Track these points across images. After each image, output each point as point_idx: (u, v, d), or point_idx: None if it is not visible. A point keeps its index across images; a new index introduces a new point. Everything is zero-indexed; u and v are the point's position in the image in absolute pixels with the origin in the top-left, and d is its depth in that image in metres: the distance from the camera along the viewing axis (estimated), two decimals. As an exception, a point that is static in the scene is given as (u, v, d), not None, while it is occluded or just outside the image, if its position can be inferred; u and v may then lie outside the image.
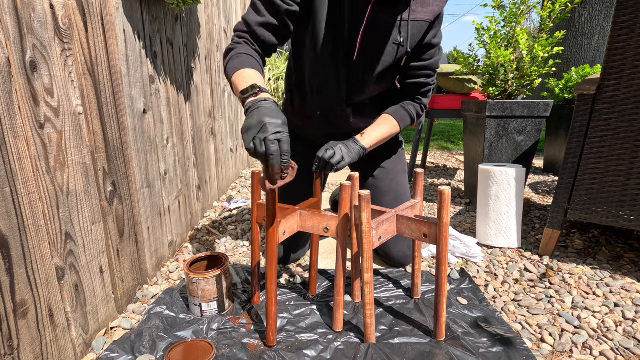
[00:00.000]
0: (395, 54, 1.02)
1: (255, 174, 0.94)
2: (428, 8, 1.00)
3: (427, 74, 1.08)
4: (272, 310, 0.83)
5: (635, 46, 1.04)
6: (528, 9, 1.59)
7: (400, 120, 1.09)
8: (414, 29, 1.00)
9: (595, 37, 2.96)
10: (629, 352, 0.84)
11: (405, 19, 0.98)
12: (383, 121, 1.09)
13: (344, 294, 1.07)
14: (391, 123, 1.08)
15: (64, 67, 0.75)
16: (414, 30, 1.00)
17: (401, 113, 1.09)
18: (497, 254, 1.33)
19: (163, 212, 1.24)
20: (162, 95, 1.22)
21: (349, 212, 0.87)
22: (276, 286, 0.86)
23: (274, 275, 0.83)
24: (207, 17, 1.73)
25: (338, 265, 0.89)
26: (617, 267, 1.22)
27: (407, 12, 0.97)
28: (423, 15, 0.99)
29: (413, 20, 0.99)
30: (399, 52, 1.02)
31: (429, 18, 1.00)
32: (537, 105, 1.60)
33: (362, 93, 1.10)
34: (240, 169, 2.59)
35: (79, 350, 0.81)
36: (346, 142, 1.04)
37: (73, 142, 0.78)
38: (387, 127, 1.08)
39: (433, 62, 1.07)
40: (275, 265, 0.83)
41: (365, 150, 1.04)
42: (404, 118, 1.09)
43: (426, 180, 2.48)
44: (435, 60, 1.07)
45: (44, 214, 0.70)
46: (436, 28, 1.03)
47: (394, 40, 0.99)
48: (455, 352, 0.82)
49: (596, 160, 1.15)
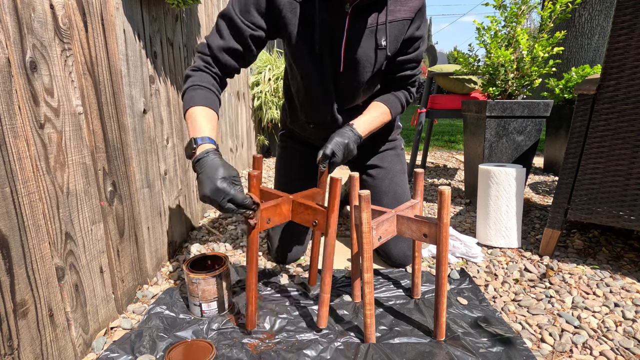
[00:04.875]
0: (380, 58, 1.01)
1: (252, 176, 0.93)
2: (407, 5, 0.97)
3: (412, 66, 1.07)
4: (252, 297, 0.88)
5: (635, 46, 1.04)
6: (529, 8, 1.59)
7: (391, 107, 1.07)
8: (395, 29, 0.98)
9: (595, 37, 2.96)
10: (629, 352, 0.84)
11: (384, 22, 0.96)
12: (373, 107, 1.06)
13: (342, 294, 1.07)
14: (381, 109, 1.06)
15: (64, 67, 0.75)
16: (395, 31, 0.98)
17: (392, 100, 1.08)
18: (497, 254, 1.33)
19: (163, 212, 1.24)
20: (162, 95, 1.22)
21: (336, 209, 0.85)
22: (256, 272, 0.89)
23: (255, 260, 0.85)
24: (207, 17, 1.73)
25: (325, 263, 0.87)
26: (617, 267, 1.22)
27: (385, 14, 0.95)
28: (403, 14, 0.97)
29: (392, 22, 0.97)
30: (383, 55, 1.01)
31: (409, 16, 0.98)
32: (537, 105, 1.60)
33: (353, 100, 1.09)
34: (240, 169, 2.59)
35: (79, 350, 0.81)
36: (343, 131, 0.99)
37: (73, 142, 0.78)
38: (377, 112, 1.05)
39: (418, 54, 1.05)
40: (256, 253, 0.85)
41: (361, 139, 1.00)
42: (395, 105, 1.08)
43: (426, 180, 2.48)
44: (420, 52, 1.05)
45: (44, 214, 0.70)
46: (418, 21, 1.00)
47: (377, 46, 0.98)
48: (455, 352, 0.82)
49: (596, 160, 1.15)
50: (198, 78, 0.91)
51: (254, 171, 0.87)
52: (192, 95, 0.88)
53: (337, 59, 0.99)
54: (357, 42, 0.96)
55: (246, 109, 2.75)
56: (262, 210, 0.84)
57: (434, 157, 3.40)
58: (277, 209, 0.89)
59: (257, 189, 0.87)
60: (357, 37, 0.96)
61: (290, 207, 0.93)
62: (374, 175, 1.27)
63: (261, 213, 0.84)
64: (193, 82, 0.90)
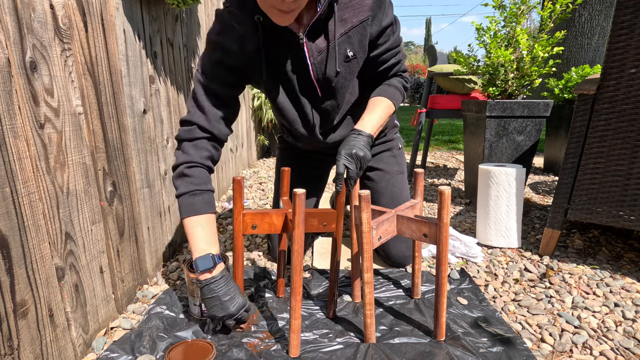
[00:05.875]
0: (353, 68, 0.98)
1: (235, 180, 0.88)
2: (359, 6, 0.92)
3: (393, 53, 1.01)
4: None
5: (635, 46, 1.04)
6: (528, 8, 1.59)
7: (390, 97, 1.01)
8: (356, 35, 0.94)
9: (595, 37, 2.96)
10: (629, 352, 0.84)
11: (344, 32, 0.92)
12: (374, 103, 0.99)
13: (342, 294, 1.07)
14: (382, 102, 0.99)
15: (64, 67, 0.75)
16: (357, 37, 0.94)
17: (389, 90, 1.02)
18: (497, 254, 1.33)
19: (163, 212, 1.24)
20: (162, 95, 1.22)
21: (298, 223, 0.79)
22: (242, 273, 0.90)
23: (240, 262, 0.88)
24: (207, 17, 1.73)
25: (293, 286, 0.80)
26: (617, 267, 1.22)
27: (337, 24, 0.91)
28: (359, 17, 0.92)
29: (349, 30, 0.93)
30: (356, 64, 0.98)
31: (365, 16, 0.92)
32: (537, 105, 1.60)
33: (338, 115, 1.06)
34: (240, 169, 2.59)
35: (79, 350, 0.81)
36: (348, 140, 0.91)
37: (73, 142, 0.78)
38: (380, 107, 0.99)
39: (393, 41, 1.00)
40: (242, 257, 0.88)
41: (372, 138, 0.94)
42: (394, 94, 1.02)
43: (426, 180, 2.48)
44: (396, 37, 1.00)
45: (44, 214, 0.70)
46: (379, 14, 0.93)
47: (345, 58, 0.95)
48: (455, 352, 0.82)
49: (596, 160, 1.15)
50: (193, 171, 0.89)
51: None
52: (192, 202, 0.88)
53: (312, 88, 0.98)
54: (323, 64, 0.94)
55: (246, 109, 2.75)
56: (246, 214, 0.87)
57: (434, 157, 3.40)
58: (266, 217, 0.89)
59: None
60: (322, 60, 0.94)
61: (283, 220, 0.90)
62: (371, 177, 1.26)
63: (244, 217, 0.87)
64: (189, 178, 0.89)
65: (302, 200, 0.76)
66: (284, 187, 1.03)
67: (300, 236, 0.78)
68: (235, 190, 0.85)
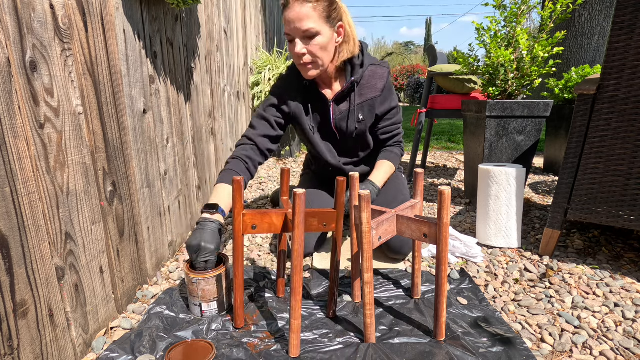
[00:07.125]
0: (362, 128, 1.32)
1: (234, 180, 0.87)
2: (373, 87, 1.29)
3: (394, 127, 1.37)
4: (238, 297, 0.90)
5: (635, 46, 1.04)
6: (529, 9, 1.59)
7: (392, 161, 1.36)
8: (366, 107, 1.30)
9: (595, 37, 2.96)
10: (629, 352, 0.84)
11: (359, 103, 1.29)
12: (381, 165, 1.34)
13: (342, 294, 1.07)
14: (388, 165, 1.35)
15: (64, 67, 0.75)
16: (367, 108, 1.30)
17: (391, 156, 1.38)
18: (497, 254, 1.33)
19: (163, 212, 1.24)
20: (162, 95, 1.22)
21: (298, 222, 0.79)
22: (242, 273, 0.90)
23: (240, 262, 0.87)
24: (207, 17, 1.73)
25: (293, 286, 0.81)
26: (617, 267, 1.22)
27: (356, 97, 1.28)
28: (371, 94, 1.29)
29: (363, 102, 1.29)
30: (364, 126, 1.32)
31: (376, 94, 1.29)
32: (537, 105, 1.60)
33: (353, 155, 1.42)
34: (240, 169, 2.58)
35: (79, 350, 0.81)
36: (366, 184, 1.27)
37: (73, 142, 0.78)
38: (385, 167, 1.34)
39: (395, 119, 1.37)
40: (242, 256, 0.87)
41: (379, 189, 1.28)
42: (394, 159, 1.37)
43: (426, 180, 2.48)
44: (398, 117, 1.37)
45: (44, 214, 0.70)
46: (386, 95, 1.31)
47: (357, 120, 1.30)
48: (455, 352, 0.82)
49: (596, 160, 1.15)
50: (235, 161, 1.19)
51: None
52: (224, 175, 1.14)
53: (332, 134, 1.35)
54: (342, 121, 1.31)
55: (246, 109, 2.75)
56: (246, 214, 0.88)
57: (434, 157, 3.40)
58: (265, 217, 0.89)
59: None
60: (342, 118, 1.31)
61: (283, 220, 0.90)
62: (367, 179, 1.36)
63: (244, 217, 0.88)
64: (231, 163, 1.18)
65: (302, 200, 0.76)
66: (283, 187, 1.04)
67: (300, 236, 0.78)
68: (235, 190, 0.85)
